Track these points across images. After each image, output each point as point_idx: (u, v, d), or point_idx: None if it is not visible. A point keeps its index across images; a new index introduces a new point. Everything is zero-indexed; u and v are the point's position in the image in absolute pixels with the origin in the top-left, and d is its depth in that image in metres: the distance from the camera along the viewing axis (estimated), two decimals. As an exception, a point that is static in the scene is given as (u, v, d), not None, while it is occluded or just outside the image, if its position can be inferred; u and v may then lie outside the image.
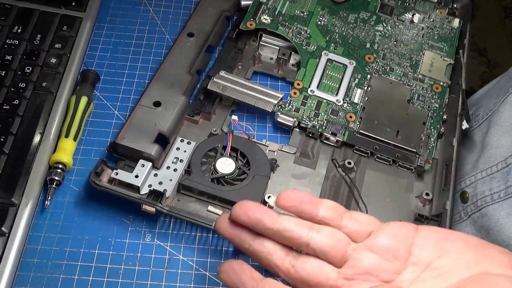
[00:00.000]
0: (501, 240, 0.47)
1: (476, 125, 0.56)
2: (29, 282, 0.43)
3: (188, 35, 0.55)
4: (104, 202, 0.47)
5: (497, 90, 0.56)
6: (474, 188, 0.51)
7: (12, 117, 0.49)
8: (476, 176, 0.51)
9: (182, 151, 0.48)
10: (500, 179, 0.49)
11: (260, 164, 0.47)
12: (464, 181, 0.52)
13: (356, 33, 0.57)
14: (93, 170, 0.44)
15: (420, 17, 0.60)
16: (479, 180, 0.51)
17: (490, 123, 0.53)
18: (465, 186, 0.52)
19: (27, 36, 0.54)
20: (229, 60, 0.55)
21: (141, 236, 0.46)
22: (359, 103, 0.52)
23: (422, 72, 0.56)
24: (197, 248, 0.46)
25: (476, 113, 0.57)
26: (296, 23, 0.56)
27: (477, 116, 0.56)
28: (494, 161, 0.50)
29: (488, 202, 0.49)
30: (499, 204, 0.48)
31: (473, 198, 0.50)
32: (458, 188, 0.53)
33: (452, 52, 0.58)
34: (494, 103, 0.54)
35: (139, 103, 0.49)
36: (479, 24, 1.66)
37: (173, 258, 0.45)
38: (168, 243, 0.46)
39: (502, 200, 0.48)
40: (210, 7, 0.58)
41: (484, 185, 0.50)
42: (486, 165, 0.50)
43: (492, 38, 1.64)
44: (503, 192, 0.48)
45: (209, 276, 0.45)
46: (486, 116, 0.54)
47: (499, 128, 0.52)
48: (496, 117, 0.52)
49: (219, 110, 0.52)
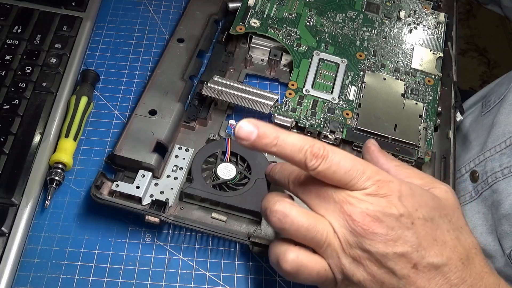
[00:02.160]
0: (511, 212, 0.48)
1: (487, 110, 0.56)
2: (29, 282, 0.43)
3: (178, 41, 0.55)
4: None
5: (509, 78, 0.57)
6: (483, 166, 0.51)
7: (12, 117, 0.49)
8: (485, 154, 0.52)
9: (181, 158, 0.48)
10: (509, 154, 0.50)
11: (261, 168, 0.47)
12: (474, 160, 0.53)
13: (345, 32, 0.58)
14: (93, 184, 0.44)
15: (406, 13, 0.60)
16: (488, 158, 0.51)
17: (500, 105, 0.54)
18: (475, 166, 0.52)
19: (27, 36, 0.54)
20: (220, 64, 0.55)
21: (141, 236, 0.46)
22: (354, 100, 0.53)
23: (414, 67, 0.56)
24: (197, 248, 0.46)
25: (487, 100, 0.58)
26: (285, 25, 0.57)
27: (489, 102, 0.57)
28: (502, 138, 0.50)
29: (498, 177, 0.49)
30: (510, 178, 0.49)
31: (483, 176, 0.51)
32: (467, 169, 0.53)
33: (440, 45, 0.58)
34: (506, 88, 0.55)
35: (135, 112, 0.49)
36: (479, 24, 1.66)
37: (173, 258, 0.45)
38: (168, 243, 0.46)
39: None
40: (197, 11, 0.58)
41: (494, 162, 0.50)
42: (495, 143, 0.51)
43: (492, 38, 1.64)
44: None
45: (209, 276, 0.45)
46: (498, 100, 0.55)
47: (507, 106, 0.52)
48: (506, 97, 0.53)
49: (215, 115, 0.52)
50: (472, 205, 0.52)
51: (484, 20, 1.65)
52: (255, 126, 0.35)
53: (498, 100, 0.55)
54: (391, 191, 0.35)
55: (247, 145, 0.35)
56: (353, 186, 0.35)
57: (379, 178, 0.36)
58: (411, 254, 0.34)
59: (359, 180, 0.35)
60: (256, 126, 0.35)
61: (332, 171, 0.35)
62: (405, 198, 0.35)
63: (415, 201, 0.36)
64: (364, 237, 0.34)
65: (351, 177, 0.35)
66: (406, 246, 0.34)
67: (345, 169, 0.35)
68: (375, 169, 0.36)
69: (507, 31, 1.66)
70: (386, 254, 0.34)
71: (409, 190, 0.36)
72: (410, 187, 0.36)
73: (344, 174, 0.35)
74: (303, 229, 0.35)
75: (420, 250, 0.34)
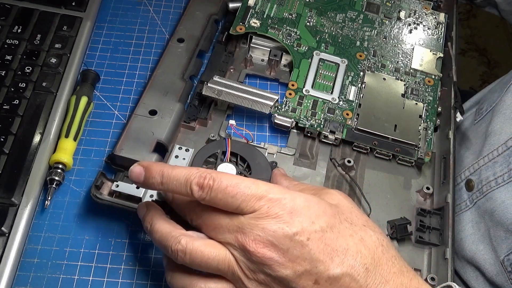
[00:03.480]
0: (505, 219, 0.48)
1: (480, 117, 0.56)
2: (29, 282, 0.43)
3: (178, 41, 0.55)
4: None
5: (501, 85, 0.57)
6: (478, 175, 0.51)
7: (12, 117, 0.49)
8: (479, 162, 0.52)
9: (181, 158, 0.48)
10: (502, 162, 0.50)
11: (261, 168, 0.47)
12: (468, 169, 0.53)
13: (345, 32, 0.58)
14: (93, 184, 0.44)
15: (406, 13, 0.60)
16: (482, 167, 0.51)
17: (493, 113, 0.54)
18: (470, 174, 0.53)
19: (27, 36, 0.54)
20: (220, 64, 0.55)
21: (141, 236, 0.46)
22: (354, 100, 0.53)
23: (414, 67, 0.56)
24: (197, 248, 0.46)
25: (480, 107, 0.58)
26: (285, 25, 0.57)
27: (481, 110, 0.57)
28: (496, 146, 0.51)
29: (493, 186, 0.49)
30: (504, 187, 0.49)
31: (478, 185, 0.51)
32: (463, 177, 0.54)
33: (440, 45, 0.58)
34: (498, 95, 0.55)
35: (135, 112, 0.49)
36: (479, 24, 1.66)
37: (173, 258, 0.45)
38: (168, 243, 0.46)
39: (507, 183, 0.49)
40: (198, 11, 0.58)
41: (488, 170, 0.51)
42: (489, 151, 0.51)
43: (492, 38, 1.64)
44: (507, 175, 0.49)
45: (209, 276, 0.44)
46: (490, 107, 0.55)
47: (501, 115, 0.52)
48: (499, 106, 0.53)
49: (215, 115, 0.52)
50: (466, 214, 0.52)
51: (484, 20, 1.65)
52: (143, 168, 0.38)
53: (490, 108, 0.55)
54: (283, 209, 0.35)
55: (141, 186, 0.39)
56: (243, 210, 0.36)
57: (271, 196, 0.36)
58: (310, 271, 0.34)
59: (248, 202, 0.35)
60: (144, 168, 0.38)
61: (219, 199, 0.35)
62: (299, 213, 0.35)
63: (311, 213, 0.36)
64: (262, 264, 0.35)
65: (239, 201, 0.35)
66: (304, 264, 0.34)
67: (232, 193, 0.35)
68: (267, 187, 0.36)
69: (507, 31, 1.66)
70: (286, 277, 0.34)
71: (303, 203, 0.36)
72: (305, 200, 0.36)
73: (232, 199, 0.35)
74: (205, 263, 0.36)
75: (319, 266, 0.34)
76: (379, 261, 0.36)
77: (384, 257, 0.36)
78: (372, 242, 0.36)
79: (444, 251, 0.45)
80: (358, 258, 0.35)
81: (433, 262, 0.45)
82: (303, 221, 0.35)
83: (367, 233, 0.37)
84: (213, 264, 0.36)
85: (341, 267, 0.35)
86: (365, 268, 0.35)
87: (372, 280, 0.35)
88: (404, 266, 0.37)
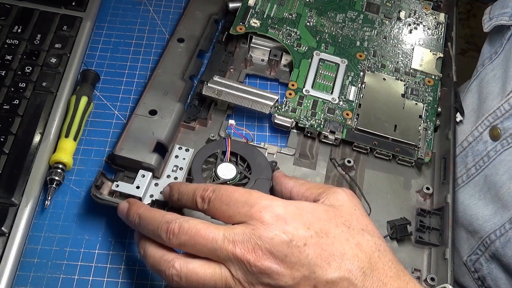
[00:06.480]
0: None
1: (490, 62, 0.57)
2: (29, 282, 0.43)
3: (178, 41, 0.55)
4: (104, 202, 0.47)
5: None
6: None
7: (12, 117, 0.49)
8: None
9: (181, 158, 0.48)
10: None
11: (261, 168, 0.47)
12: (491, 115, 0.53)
13: (345, 32, 0.58)
14: (93, 184, 0.44)
15: (406, 13, 0.60)
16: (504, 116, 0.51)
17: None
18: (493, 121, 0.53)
19: (27, 36, 0.54)
20: (220, 63, 0.55)
21: (141, 236, 0.46)
22: (354, 100, 0.53)
23: (414, 67, 0.56)
24: (197, 248, 0.46)
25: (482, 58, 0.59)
26: (285, 25, 0.57)
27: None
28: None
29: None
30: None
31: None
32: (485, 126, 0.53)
33: (440, 45, 0.58)
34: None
35: (135, 112, 0.49)
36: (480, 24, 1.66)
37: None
38: (168, 243, 0.46)
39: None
40: (198, 11, 0.58)
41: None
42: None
43: (492, 38, 1.64)
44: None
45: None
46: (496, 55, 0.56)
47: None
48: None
49: (215, 115, 0.52)
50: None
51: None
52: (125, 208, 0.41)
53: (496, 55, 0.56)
54: (276, 215, 0.35)
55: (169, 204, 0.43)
56: (236, 218, 0.36)
57: (264, 203, 0.36)
58: (309, 276, 0.35)
59: (241, 210, 0.36)
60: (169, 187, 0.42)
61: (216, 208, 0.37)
62: (293, 220, 0.35)
63: (305, 220, 0.36)
64: (261, 274, 0.35)
65: (232, 209, 0.36)
66: (302, 270, 0.35)
67: (226, 201, 0.37)
68: (259, 195, 0.37)
69: (507, 31, 1.66)
70: (285, 284, 0.35)
71: (295, 211, 0.36)
72: (297, 207, 0.37)
73: (226, 206, 0.37)
74: (201, 284, 0.36)
75: (316, 271, 0.35)
76: (376, 265, 0.36)
77: (380, 261, 0.36)
78: (369, 247, 0.36)
79: (444, 251, 0.45)
80: (355, 262, 0.35)
81: (433, 262, 0.45)
82: (298, 227, 0.35)
83: (364, 237, 0.37)
84: (210, 283, 0.36)
85: (338, 271, 0.35)
86: (362, 272, 0.35)
87: (370, 283, 0.35)
88: (401, 270, 0.37)
